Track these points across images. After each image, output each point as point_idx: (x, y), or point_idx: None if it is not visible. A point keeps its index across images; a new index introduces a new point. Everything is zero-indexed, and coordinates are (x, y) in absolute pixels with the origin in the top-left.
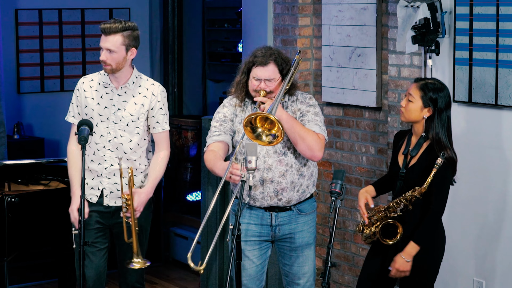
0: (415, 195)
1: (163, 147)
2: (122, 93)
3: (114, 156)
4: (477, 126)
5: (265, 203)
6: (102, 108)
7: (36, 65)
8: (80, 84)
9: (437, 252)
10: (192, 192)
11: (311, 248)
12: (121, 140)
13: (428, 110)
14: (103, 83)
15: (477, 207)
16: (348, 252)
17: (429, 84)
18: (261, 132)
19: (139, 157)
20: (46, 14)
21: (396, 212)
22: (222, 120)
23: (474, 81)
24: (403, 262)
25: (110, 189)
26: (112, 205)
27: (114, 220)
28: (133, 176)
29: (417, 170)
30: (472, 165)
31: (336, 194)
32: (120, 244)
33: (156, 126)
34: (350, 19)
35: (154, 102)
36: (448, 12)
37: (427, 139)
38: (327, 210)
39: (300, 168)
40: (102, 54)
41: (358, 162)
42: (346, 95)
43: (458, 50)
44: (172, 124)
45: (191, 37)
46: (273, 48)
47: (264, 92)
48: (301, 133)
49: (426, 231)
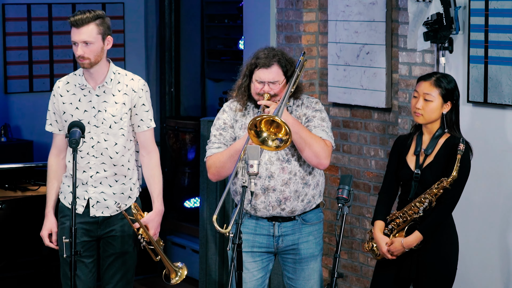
0: (444, 186)
1: (151, 148)
2: (101, 93)
3: (99, 163)
4: (493, 128)
5: (267, 213)
6: (81, 112)
7: (24, 63)
8: (56, 89)
9: (453, 260)
10: (190, 199)
11: (317, 260)
12: (105, 145)
13: (447, 105)
14: (79, 84)
15: (492, 213)
16: (356, 262)
17: (441, 78)
18: (267, 136)
19: (127, 161)
20: (35, 9)
21: (418, 213)
22: (222, 128)
23: (489, 80)
24: (399, 246)
25: (96, 199)
26: (100, 216)
27: (102, 231)
28: (137, 208)
29: (435, 168)
30: (487, 170)
31: (343, 201)
32: (105, 258)
33: (140, 125)
34: (358, 14)
35: (135, 99)
36: (462, 7)
37: (443, 135)
38: (334, 218)
39: (305, 177)
40: (78, 49)
41: (366, 166)
42: (354, 95)
43: (473, 48)
44: (169, 126)
45: (189, 33)
46: (276, 48)
47: (268, 95)
48: (307, 139)
49: (435, 223)
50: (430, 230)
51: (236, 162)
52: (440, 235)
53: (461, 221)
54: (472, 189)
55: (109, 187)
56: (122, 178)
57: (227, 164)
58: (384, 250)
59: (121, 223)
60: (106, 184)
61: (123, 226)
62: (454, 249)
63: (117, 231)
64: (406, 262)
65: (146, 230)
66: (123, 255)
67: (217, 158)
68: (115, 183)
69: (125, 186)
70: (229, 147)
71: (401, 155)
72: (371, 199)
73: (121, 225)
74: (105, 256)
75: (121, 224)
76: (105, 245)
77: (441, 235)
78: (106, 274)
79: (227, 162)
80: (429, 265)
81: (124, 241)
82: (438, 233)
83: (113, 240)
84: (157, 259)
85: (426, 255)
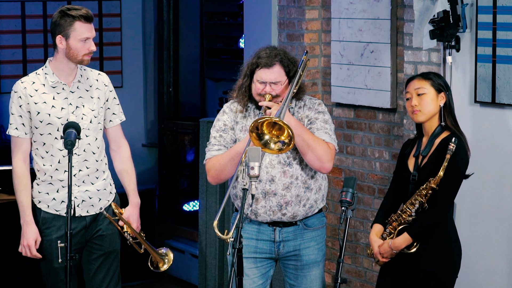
0: (431, 186)
1: (121, 142)
2: (75, 89)
3: (82, 160)
4: (501, 129)
5: (267, 218)
6: (58, 110)
7: (18, 62)
8: (22, 91)
9: (451, 267)
10: (189, 202)
11: (319, 266)
12: (87, 140)
13: (442, 95)
14: (51, 82)
15: (500, 216)
16: (360, 267)
17: (428, 73)
18: (269, 139)
19: (104, 156)
20: (29, 7)
21: (411, 216)
22: (222, 129)
23: (497, 80)
24: (387, 248)
25: (82, 198)
26: (86, 215)
27: (89, 234)
28: (116, 207)
29: (428, 168)
30: (495, 172)
31: (347, 204)
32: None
33: (113, 119)
34: (362, 12)
35: (108, 93)
36: (469, 4)
37: (442, 132)
38: (337, 222)
39: (307, 181)
40: (92, 44)
41: (370, 168)
42: (358, 95)
43: (480, 46)
44: (168, 127)
45: (188, 31)
46: (278, 47)
47: (269, 96)
48: (310, 142)
49: (426, 225)
50: (420, 232)
51: (237, 165)
52: (436, 239)
53: (468, 224)
54: (480, 191)
55: (91, 185)
56: (102, 174)
57: (227, 167)
58: (375, 251)
59: (106, 221)
60: (89, 182)
61: (108, 225)
62: (453, 254)
63: (103, 230)
64: (403, 267)
65: (130, 226)
66: (111, 254)
67: (217, 161)
68: (96, 180)
69: (106, 181)
70: (229, 149)
71: (404, 159)
72: (376, 202)
73: (106, 224)
74: (92, 260)
75: (106, 223)
76: (91, 248)
77: (437, 239)
78: (95, 279)
79: (227, 164)
80: (424, 270)
81: (112, 239)
82: (434, 237)
83: (101, 240)
84: (142, 251)
85: (421, 260)
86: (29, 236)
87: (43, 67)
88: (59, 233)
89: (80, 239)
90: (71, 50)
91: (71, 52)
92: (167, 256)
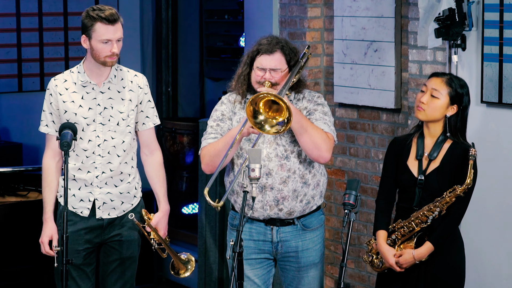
0: (457, 194)
1: (154, 147)
2: (106, 90)
3: (106, 162)
4: (508, 130)
5: (264, 214)
6: (85, 110)
7: (13, 62)
8: (53, 88)
9: (463, 267)
10: (188, 204)
11: (318, 267)
12: (113, 143)
13: (452, 108)
14: (81, 82)
15: (507, 218)
16: (363, 272)
17: (454, 79)
18: (264, 120)
19: (131, 159)
20: (24, 4)
21: (426, 222)
22: (219, 119)
23: (504, 80)
24: (410, 259)
25: (103, 200)
26: (105, 218)
27: (106, 236)
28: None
29: (441, 175)
30: (502, 174)
31: (350, 207)
32: (108, 264)
33: (146, 122)
34: (365, 10)
35: (142, 95)
36: (475, 2)
37: (446, 140)
38: (340, 225)
39: (305, 175)
40: (115, 45)
41: (374, 170)
42: (361, 95)
43: (487, 45)
44: (166, 128)
45: (187, 30)
46: (279, 37)
47: (269, 83)
48: (308, 129)
49: (446, 234)
50: (440, 240)
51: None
52: (448, 244)
53: (475, 227)
54: (486, 193)
55: (114, 187)
56: (126, 177)
57: (222, 152)
58: (391, 262)
59: (126, 227)
60: (112, 184)
61: (128, 231)
62: (462, 257)
63: (123, 235)
64: (413, 274)
65: (157, 233)
66: (127, 260)
67: (212, 147)
68: (121, 182)
69: (130, 185)
70: (224, 135)
71: (400, 159)
72: None
73: (126, 229)
74: (107, 262)
75: (126, 228)
76: (107, 251)
77: (450, 244)
78: (108, 280)
79: (222, 150)
80: (439, 277)
81: (130, 246)
82: (446, 242)
83: (118, 245)
84: (165, 256)
85: (435, 266)
86: (44, 233)
87: (78, 65)
88: (72, 229)
89: (94, 239)
90: (94, 51)
91: (94, 52)
92: (190, 263)
